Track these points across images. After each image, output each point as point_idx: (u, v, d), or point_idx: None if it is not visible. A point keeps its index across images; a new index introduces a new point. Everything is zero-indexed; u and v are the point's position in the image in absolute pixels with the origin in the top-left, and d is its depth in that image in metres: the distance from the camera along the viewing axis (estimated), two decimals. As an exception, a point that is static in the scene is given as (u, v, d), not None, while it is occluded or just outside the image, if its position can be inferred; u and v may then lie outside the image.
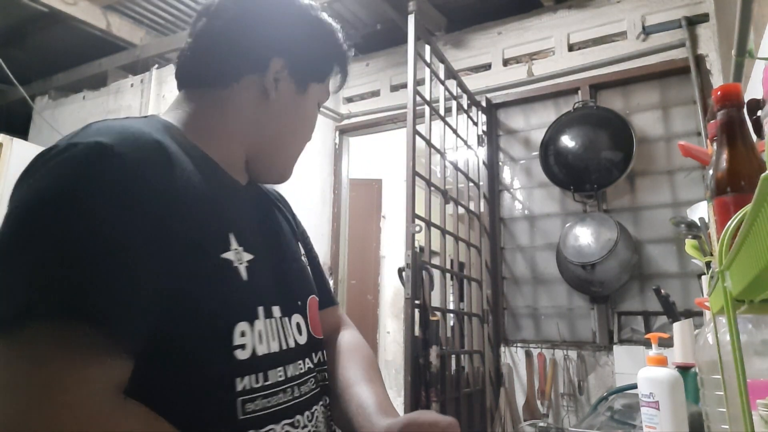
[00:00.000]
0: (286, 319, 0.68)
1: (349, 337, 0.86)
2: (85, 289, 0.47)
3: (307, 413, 0.66)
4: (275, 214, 0.80)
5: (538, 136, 2.81)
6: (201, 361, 0.56)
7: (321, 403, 0.71)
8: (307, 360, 0.70)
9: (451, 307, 2.67)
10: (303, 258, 0.81)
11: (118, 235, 0.50)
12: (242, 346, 0.59)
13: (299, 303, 0.73)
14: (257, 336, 0.61)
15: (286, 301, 0.70)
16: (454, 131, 2.53)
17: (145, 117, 0.69)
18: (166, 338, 0.54)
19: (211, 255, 0.59)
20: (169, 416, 0.53)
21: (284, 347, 0.66)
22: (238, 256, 0.62)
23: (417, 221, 2.05)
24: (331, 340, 0.84)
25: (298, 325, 0.70)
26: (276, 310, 0.66)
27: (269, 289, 0.67)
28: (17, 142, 3.07)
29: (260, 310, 0.63)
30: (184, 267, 0.55)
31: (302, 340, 0.70)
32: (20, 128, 3.97)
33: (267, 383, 0.61)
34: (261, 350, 0.61)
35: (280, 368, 0.64)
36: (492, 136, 2.97)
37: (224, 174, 0.69)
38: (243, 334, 0.59)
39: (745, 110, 0.66)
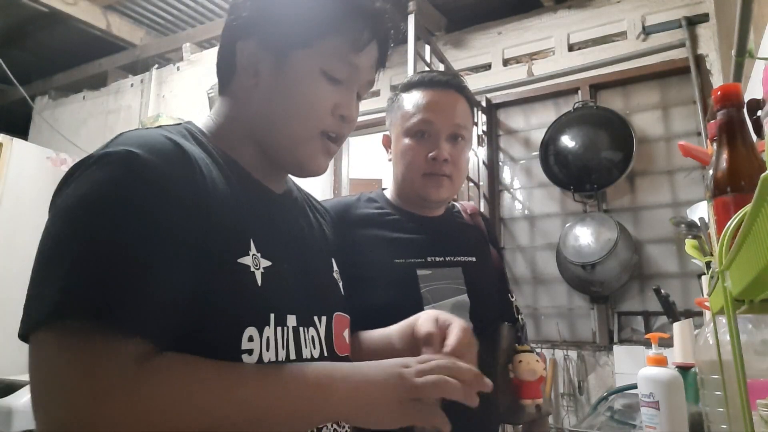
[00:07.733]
0: (303, 329, 0.67)
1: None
2: (112, 292, 0.50)
3: None
4: (310, 228, 0.79)
5: (538, 136, 2.81)
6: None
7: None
8: None
9: (451, 307, 2.67)
10: (335, 275, 0.80)
11: (146, 240, 0.53)
12: (249, 351, 0.59)
13: (318, 317, 0.72)
14: (265, 342, 0.60)
15: (304, 312, 0.69)
16: (454, 131, 2.53)
17: (176, 125, 0.69)
18: (187, 337, 0.55)
19: (229, 259, 0.59)
20: None
21: (292, 357, 0.64)
22: (256, 262, 0.62)
23: (417, 221, 2.05)
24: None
25: (312, 338, 0.69)
26: (291, 319, 0.65)
27: (285, 297, 0.66)
28: (17, 142, 3.07)
29: (272, 317, 0.62)
30: (204, 270, 0.56)
31: (315, 353, 0.69)
32: (20, 128, 3.97)
33: None
34: (267, 357, 0.60)
35: None
36: (492, 136, 2.97)
37: (252, 181, 0.70)
38: (251, 339, 0.59)
39: (745, 110, 0.66)
